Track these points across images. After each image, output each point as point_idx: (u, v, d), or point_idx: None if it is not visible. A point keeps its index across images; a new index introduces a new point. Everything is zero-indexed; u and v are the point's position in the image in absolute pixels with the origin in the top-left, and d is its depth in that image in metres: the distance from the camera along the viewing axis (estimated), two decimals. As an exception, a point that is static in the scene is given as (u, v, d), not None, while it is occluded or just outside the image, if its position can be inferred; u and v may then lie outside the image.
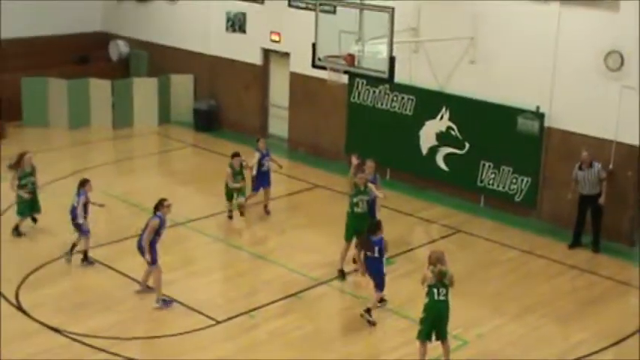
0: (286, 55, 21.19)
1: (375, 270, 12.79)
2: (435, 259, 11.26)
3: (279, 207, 17.80)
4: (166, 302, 12.93)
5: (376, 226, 12.76)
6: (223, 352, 11.83)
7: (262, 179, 16.75)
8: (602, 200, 15.45)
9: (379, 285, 12.83)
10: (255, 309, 13.01)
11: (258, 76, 22.05)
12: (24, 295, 13.12)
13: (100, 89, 22.49)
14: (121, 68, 24.63)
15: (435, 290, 11.15)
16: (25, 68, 22.65)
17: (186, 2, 23.28)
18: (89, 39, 25.07)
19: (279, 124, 21.93)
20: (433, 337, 11.28)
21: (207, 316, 12.70)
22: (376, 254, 12.70)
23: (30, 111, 22.31)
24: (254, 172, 16.64)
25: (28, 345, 11.73)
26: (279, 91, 21.85)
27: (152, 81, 23.18)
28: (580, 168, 15.47)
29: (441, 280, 11.16)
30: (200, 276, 14.26)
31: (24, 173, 15.35)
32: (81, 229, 14.27)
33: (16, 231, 15.38)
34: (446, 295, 11.20)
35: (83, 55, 24.65)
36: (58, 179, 18.28)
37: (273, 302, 13.26)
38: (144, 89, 22.93)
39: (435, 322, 11.22)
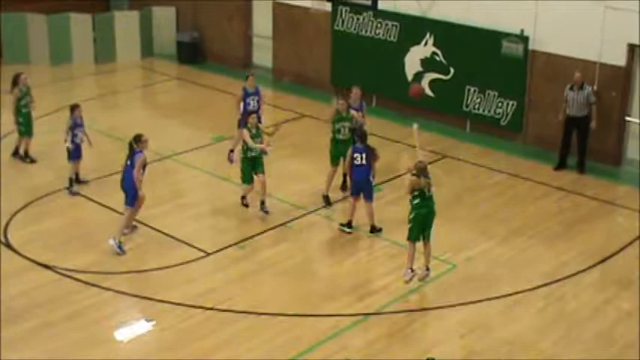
0: (269, -16, 20.89)
1: (359, 176, 13.08)
2: (420, 170, 11.69)
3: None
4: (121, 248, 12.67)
5: (363, 136, 13.21)
6: (213, 283, 11.95)
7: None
8: (593, 125, 15.46)
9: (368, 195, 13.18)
10: (244, 240, 13.11)
11: (241, 6, 21.76)
12: (12, 233, 13.16)
13: (80, 24, 22.17)
14: (101, 2, 24.21)
15: (422, 197, 11.63)
16: (3, 4, 22.23)
17: None
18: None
19: (263, 55, 21.73)
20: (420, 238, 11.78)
21: (197, 248, 12.79)
22: (359, 161, 13.05)
23: (10, 48, 22.01)
24: (239, 113, 15.69)
25: (20, 282, 11.81)
26: (262, 22, 21.59)
27: (134, 14, 22.85)
28: (571, 88, 15.44)
29: (429, 189, 11.64)
30: (189, 208, 14.30)
31: (22, 93, 15.65)
32: (70, 154, 14.43)
33: (23, 156, 15.63)
34: (431, 199, 11.72)
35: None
36: (42, 116, 18.13)
37: (262, 232, 13.36)
38: (125, 23, 22.62)
39: (422, 225, 11.72)
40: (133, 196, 12.74)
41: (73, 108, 14.57)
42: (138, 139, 12.78)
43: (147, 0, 23.31)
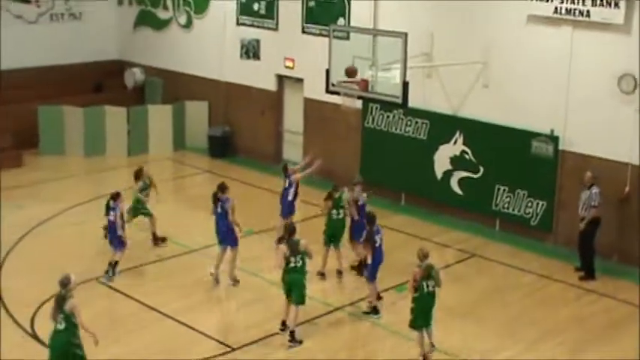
0: (300, 80, 21.28)
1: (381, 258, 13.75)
2: (423, 256, 12.26)
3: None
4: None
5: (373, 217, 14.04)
6: (238, 379, 11.81)
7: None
8: (581, 226, 15.19)
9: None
10: (270, 336, 12.96)
11: (272, 102, 22.14)
12: (40, 323, 13.13)
13: (115, 117, 22.64)
14: (136, 96, 24.83)
15: (424, 283, 12.05)
16: (41, 97, 22.85)
17: (201, 30, 23.48)
18: (105, 67, 25.31)
19: (293, 150, 21.96)
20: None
21: (222, 343, 12.68)
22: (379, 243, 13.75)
23: (46, 139, 22.48)
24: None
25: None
26: (293, 117, 21.92)
27: (167, 108, 23.33)
28: (588, 188, 15.32)
29: (429, 274, 12.09)
30: (215, 303, 14.25)
31: (144, 185, 16.50)
32: (118, 242, 14.80)
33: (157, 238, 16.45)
34: (434, 287, 12.16)
35: (99, 83, 24.88)
36: (74, 206, 18.38)
37: (287, 329, 13.18)
38: (159, 116, 23.08)
39: (424, 312, 12.15)
40: (233, 239, 14.49)
41: (115, 197, 14.99)
42: (223, 187, 14.75)
43: (180, 94, 23.83)
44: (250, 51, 22.31)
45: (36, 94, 23.01)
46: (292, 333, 12.80)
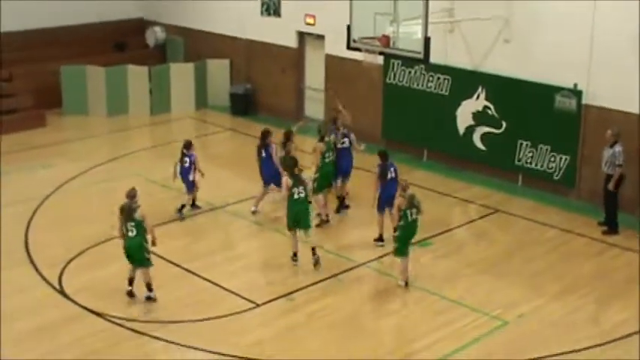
0: (321, 37, 21.18)
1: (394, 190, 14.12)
2: (406, 186, 13.18)
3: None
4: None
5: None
6: (263, 335, 11.96)
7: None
8: (610, 186, 15.07)
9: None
10: (294, 292, 13.11)
11: (293, 59, 22.08)
12: (67, 280, 13.36)
13: (137, 76, 22.69)
14: (157, 55, 24.85)
15: (408, 212, 12.93)
16: (64, 57, 22.93)
17: (222, -14, 23.38)
18: (126, 26, 25.30)
19: (315, 107, 21.95)
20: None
21: (247, 300, 12.83)
22: (392, 175, 14.63)
23: (69, 99, 22.59)
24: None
25: (71, 330, 11.96)
26: (314, 74, 21.86)
27: (189, 66, 23.34)
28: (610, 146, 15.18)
29: (412, 203, 12.94)
30: (240, 259, 14.39)
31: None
32: (191, 185, 15.73)
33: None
34: (417, 214, 13.05)
35: (120, 42, 24.90)
36: (97, 166, 18.55)
37: (311, 285, 13.34)
38: (180, 75, 23.10)
39: (408, 240, 13.10)
40: (279, 180, 15.06)
41: (188, 145, 15.73)
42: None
43: (201, 52, 23.82)
44: (271, 8, 22.19)
45: (58, 53, 23.11)
46: (313, 249, 13.81)
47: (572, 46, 16.31)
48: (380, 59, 17.77)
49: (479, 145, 18.18)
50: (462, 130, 18.41)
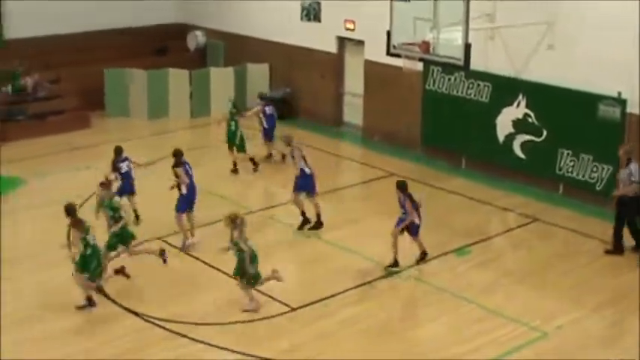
0: (361, 43, 21.16)
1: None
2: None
3: (354, 194, 17.86)
4: None
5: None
6: (297, 339, 11.94)
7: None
8: (616, 193, 14.58)
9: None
10: (328, 297, 13.08)
11: (332, 64, 22.08)
12: (108, 280, 13.39)
13: (178, 79, 22.89)
14: (198, 58, 25.05)
15: None
16: (108, 59, 23.24)
17: (262, -8, 23.49)
18: (168, 30, 25.57)
19: (353, 112, 21.93)
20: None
21: (282, 303, 12.83)
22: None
23: (112, 101, 22.88)
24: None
25: (110, 329, 12.10)
26: (353, 79, 21.84)
27: (229, 70, 23.48)
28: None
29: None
30: (275, 263, 14.36)
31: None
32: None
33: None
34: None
35: (162, 46, 25.16)
36: (138, 167, 18.69)
37: (346, 290, 13.29)
38: (221, 79, 23.24)
39: None
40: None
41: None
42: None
43: (241, 57, 23.94)
44: (311, 13, 22.25)
45: (102, 56, 23.42)
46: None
47: (616, 53, 16.06)
48: (420, 65, 17.68)
49: (519, 153, 17.99)
50: (501, 137, 18.24)
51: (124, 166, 15.46)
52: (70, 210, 12.77)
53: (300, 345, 11.80)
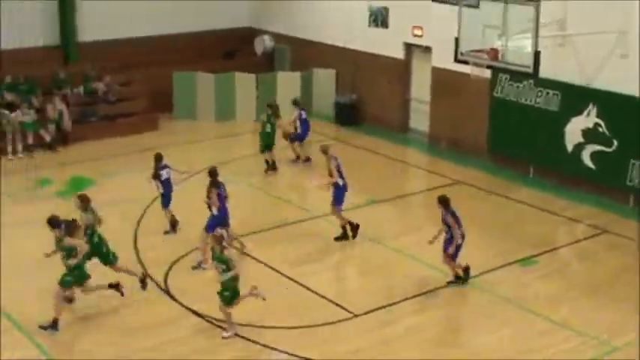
0: (428, 49, 21.07)
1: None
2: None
3: (419, 202, 17.78)
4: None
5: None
6: (360, 345, 11.93)
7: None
8: None
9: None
10: (392, 304, 13.04)
11: (399, 70, 22.03)
12: (172, 280, 13.70)
13: (244, 83, 23.12)
14: (265, 63, 25.26)
15: None
16: (176, 63, 23.61)
17: (330, -3, 23.58)
18: (236, 34, 25.84)
19: (420, 119, 21.84)
20: None
21: (344, 309, 12.83)
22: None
23: (180, 104, 23.23)
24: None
25: (173, 329, 12.25)
26: (420, 86, 21.75)
27: (295, 75, 23.61)
28: None
29: None
30: (339, 269, 14.44)
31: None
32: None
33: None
34: None
35: (230, 50, 25.44)
36: (203, 170, 18.91)
37: (410, 298, 13.23)
38: (287, 83, 23.38)
39: None
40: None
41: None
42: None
43: (308, 61, 24.06)
44: (379, 19, 22.24)
45: (171, 60, 23.79)
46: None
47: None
48: (487, 72, 17.56)
49: (588, 163, 17.67)
50: (570, 147, 17.94)
51: (164, 174, 15.48)
52: (54, 223, 12.28)
53: (362, 350, 11.78)
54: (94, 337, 12.03)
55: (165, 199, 15.56)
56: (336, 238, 15.32)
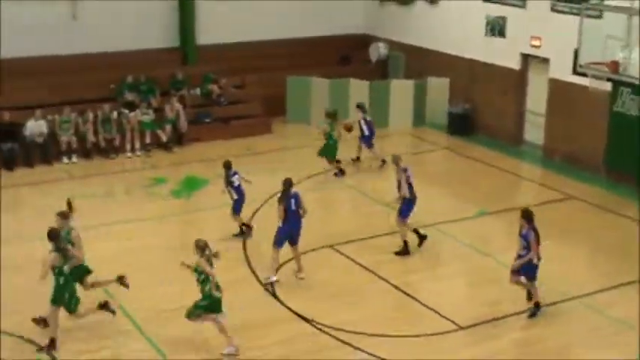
0: (546, 60, 20.63)
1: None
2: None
3: (530, 216, 17.42)
4: None
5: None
6: (464, 356, 11.80)
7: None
8: None
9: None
10: (498, 318, 12.82)
11: (515, 81, 21.66)
12: (279, 283, 13.86)
13: (358, 89, 23.19)
14: (379, 70, 25.30)
15: None
16: (290, 67, 23.93)
17: (447, 5, 23.40)
18: (350, 41, 25.99)
19: (534, 131, 21.39)
20: None
21: (450, 320, 12.71)
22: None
23: (293, 108, 23.52)
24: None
25: (278, 331, 12.40)
26: (536, 97, 21.31)
27: (409, 83, 23.55)
28: None
29: None
30: (445, 280, 14.30)
31: None
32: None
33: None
34: None
35: (345, 55, 25.60)
36: (313, 175, 19.15)
37: (519, 313, 12.97)
38: (400, 91, 23.35)
39: None
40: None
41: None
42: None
43: (422, 70, 23.96)
44: (496, 28, 21.93)
45: (286, 64, 24.14)
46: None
47: None
48: (607, 85, 17.07)
49: None
50: (694, 165, 17.23)
51: (235, 180, 15.56)
52: (53, 235, 11.71)
53: (467, 364, 11.67)
54: (197, 334, 12.32)
55: (237, 206, 15.60)
56: (397, 253, 14.97)
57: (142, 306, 12.86)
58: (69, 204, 12.93)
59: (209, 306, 11.63)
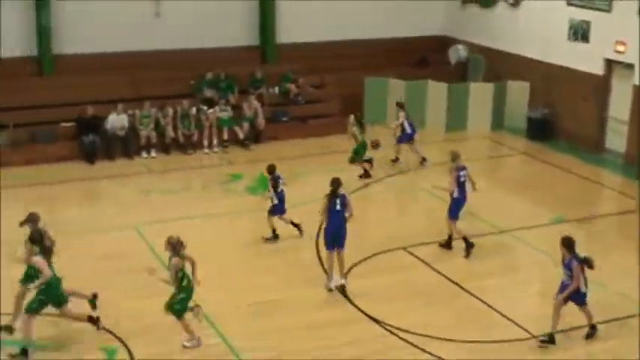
0: (630, 66, 20.11)
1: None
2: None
3: (607, 225, 17.00)
4: None
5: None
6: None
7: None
8: None
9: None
10: (573, 329, 12.55)
11: (597, 86, 21.18)
12: (350, 283, 13.85)
13: (436, 92, 23.05)
14: (458, 72, 25.07)
15: None
16: (369, 68, 23.93)
17: (529, 9, 23.04)
18: (429, 42, 25.84)
19: (616, 139, 20.88)
20: None
21: (523, 328, 12.51)
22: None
23: (370, 108, 23.48)
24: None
25: (346, 331, 12.39)
26: (619, 104, 20.79)
27: (488, 86, 23.28)
28: None
29: None
30: (520, 287, 14.08)
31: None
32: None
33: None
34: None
35: (423, 57, 25.44)
36: (389, 176, 19.11)
37: (589, 325, 12.66)
38: (479, 94, 23.11)
39: None
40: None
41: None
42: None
43: (502, 73, 23.64)
44: (579, 32, 21.50)
45: (364, 64, 24.15)
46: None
47: None
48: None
49: None
50: None
51: (280, 184, 15.46)
52: (37, 237, 11.55)
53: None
54: (264, 332, 12.42)
55: (278, 209, 15.46)
56: (441, 245, 15.19)
57: (216, 299, 13.02)
58: (30, 214, 12.30)
59: (188, 297, 11.67)
